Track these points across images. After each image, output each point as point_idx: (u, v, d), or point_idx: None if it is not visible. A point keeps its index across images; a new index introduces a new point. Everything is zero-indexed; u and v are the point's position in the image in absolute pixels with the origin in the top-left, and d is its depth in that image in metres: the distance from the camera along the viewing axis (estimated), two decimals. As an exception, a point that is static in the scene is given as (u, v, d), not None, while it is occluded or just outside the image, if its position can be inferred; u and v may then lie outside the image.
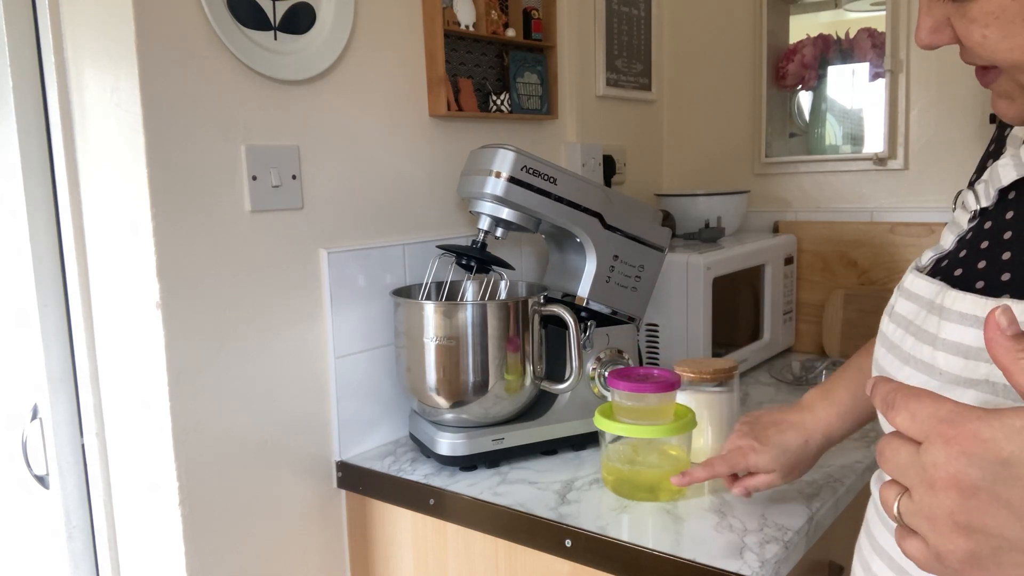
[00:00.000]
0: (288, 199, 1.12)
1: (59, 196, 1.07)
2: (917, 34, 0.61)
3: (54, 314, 1.10)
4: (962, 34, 0.58)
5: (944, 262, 0.66)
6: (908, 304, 0.66)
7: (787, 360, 1.70)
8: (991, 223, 0.63)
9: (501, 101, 1.44)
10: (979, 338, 0.56)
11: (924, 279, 0.65)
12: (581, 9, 1.65)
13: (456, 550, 1.10)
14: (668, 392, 1.04)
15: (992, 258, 0.61)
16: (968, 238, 0.65)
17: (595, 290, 1.21)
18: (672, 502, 1.02)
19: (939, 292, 0.62)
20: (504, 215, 1.15)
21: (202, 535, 1.05)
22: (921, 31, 0.61)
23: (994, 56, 0.57)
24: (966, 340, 0.57)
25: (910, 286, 0.66)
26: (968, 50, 0.59)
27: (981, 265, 0.61)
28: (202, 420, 1.04)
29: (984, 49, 0.57)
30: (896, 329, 0.66)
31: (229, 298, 1.06)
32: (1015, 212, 0.62)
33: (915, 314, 0.64)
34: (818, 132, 1.84)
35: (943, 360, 0.58)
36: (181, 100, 1.00)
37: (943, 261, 0.67)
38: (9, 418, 1.17)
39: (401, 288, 1.23)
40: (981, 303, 0.57)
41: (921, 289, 0.64)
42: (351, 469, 1.20)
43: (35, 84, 1.06)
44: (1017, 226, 0.61)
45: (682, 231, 1.74)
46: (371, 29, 1.22)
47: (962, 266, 0.63)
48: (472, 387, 1.13)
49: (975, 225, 0.65)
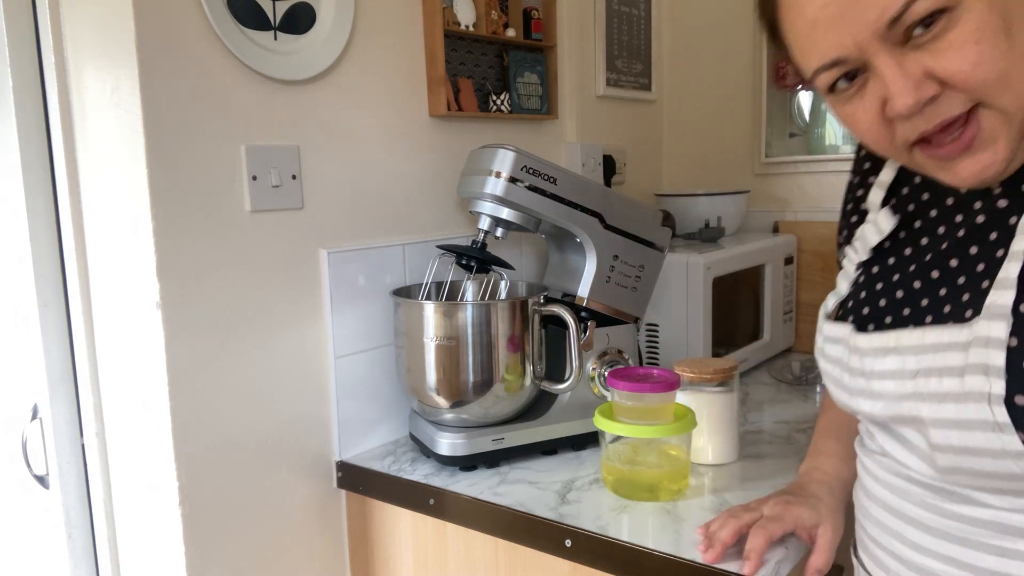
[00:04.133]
0: (288, 199, 1.12)
1: (59, 196, 1.07)
2: (895, 101, 0.57)
3: (54, 314, 1.10)
4: (954, 68, 0.55)
5: (850, 303, 0.76)
6: (834, 347, 0.75)
7: (787, 360, 1.70)
8: (877, 268, 0.74)
9: (501, 101, 1.44)
10: (897, 363, 0.66)
11: (838, 325, 0.75)
12: (581, 9, 1.65)
13: (456, 550, 1.10)
14: (668, 392, 1.04)
15: (889, 297, 0.71)
16: (862, 282, 0.75)
17: (595, 290, 1.21)
18: (672, 502, 1.02)
19: (851, 335, 0.72)
20: (504, 215, 1.15)
21: (202, 535, 1.05)
22: (902, 94, 0.57)
23: (991, 73, 0.55)
24: (888, 367, 0.67)
25: (830, 332, 0.76)
26: (960, 83, 0.56)
27: (882, 303, 0.72)
28: (202, 420, 1.04)
29: (982, 69, 0.55)
30: (833, 367, 0.75)
31: (229, 298, 1.06)
32: (895, 257, 0.73)
33: (842, 353, 0.73)
34: (818, 132, 1.84)
35: (878, 386, 0.68)
36: (181, 100, 1.00)
37: (848, 303, 0.76)
38: (9, 418, 1.17)
39: (401, 288, 1.23)
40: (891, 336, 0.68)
41: (838, 333, 0.74)
42: (351, 469, 1.20)
43: (35, 84, 1.06)
44: (901, 268, 0.71)
45: (682, 231, 1.74)
46: (371, 29, 1.22)
47: (867, 305, 0.73)
48: (472, 387, 1.13)
49: (863, 272, 0.76)
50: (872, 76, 0.59)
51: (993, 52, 0.55)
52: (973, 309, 0.63)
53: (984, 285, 0.63)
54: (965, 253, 0.66)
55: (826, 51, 0.59)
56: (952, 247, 0.68)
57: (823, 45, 0.59)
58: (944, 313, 0.66)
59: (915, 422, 0.66)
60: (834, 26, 0.58)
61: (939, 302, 0.67)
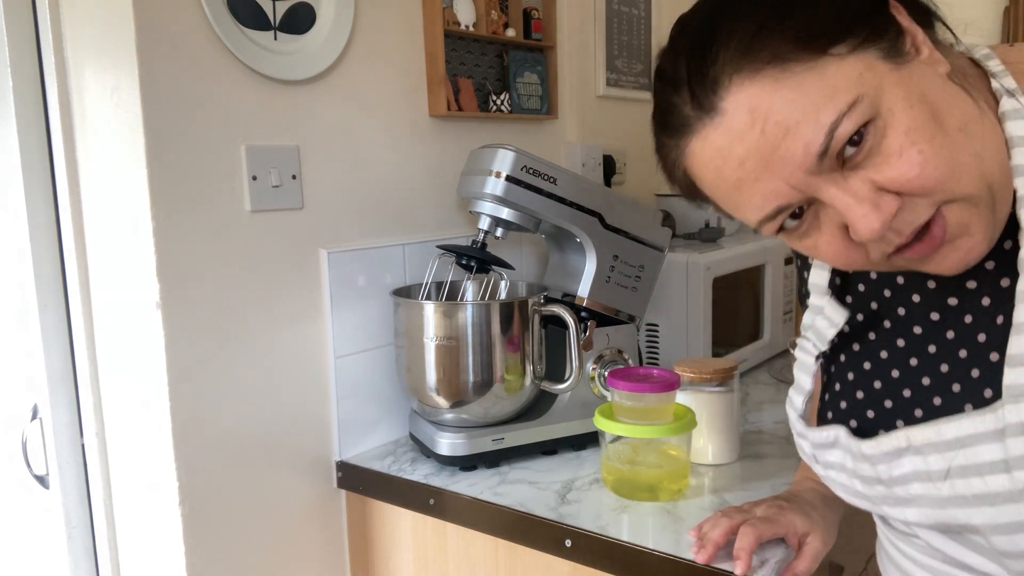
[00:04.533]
0: (288, 199, 1.12)
1: (59, 196, 1.07)
2: (858, 228, 0.52)
3: (54, 314, 1.10)
4: (900, 175, 0.51)
5: (826, 398, 0.71)
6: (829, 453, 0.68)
7: (787, 360, 1.70)
8: (844, 357, 0.70)
9: (501, 101, 1.44)
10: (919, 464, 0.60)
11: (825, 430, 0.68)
12: (581, 9, 1.65)
13: (456, 550, 1.10)
14: (668, 392, 1.04)
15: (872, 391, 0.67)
16: (834, 378, 0.71)
17: (595, 290, 1.21)
18: (672, 502, 1.02)
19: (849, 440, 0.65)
20: (504, 215, 1.15)
21: (202, 535, 1.05)
22: (864, 219, 0.52)
23: (939, 170, 0.51)
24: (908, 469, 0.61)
25: (818, 439, 0.69)
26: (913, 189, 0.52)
27: (862, 396, 0.67)
28: (202, 420, 1.04)
29: (928, 168, 0.51)
30: (839, 475, 0.68)
31: (229, 298, 1.06)
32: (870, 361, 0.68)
33: (843, 458, 0.66)
34: (818, 132, 1.84)
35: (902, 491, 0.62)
36: (181, 100, 0.99)
37: (825, 399, 0.71)
38: (9, 418, 1.17)
39: (401, 288, 1.23)
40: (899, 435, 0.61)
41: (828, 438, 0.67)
42: (351, 469, 1.20)
43: (35, 84, 1.05)
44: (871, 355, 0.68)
45: (682, 231, 1.74)
46: (371, 29, 1.22)
47: (844, 399, 0.69)
48: (472, 387, 1.13)
49: (829, 365, 0.71)
50: (822, 207, 0.55)
51: (932, 146, 0.51)
52: (992, 389, 0.58)
53: (993, 358, 0.59)
54: (959, 322, 0.62)
55: (762, 204, 0.55)
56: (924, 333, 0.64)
57: (756, 199, 0.55)
58: (954, 394, 0.61)
59: (967, 529, 0.59)
60: (762, 178, 0.54)
61: (943, 381, 0.62)
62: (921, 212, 0.53)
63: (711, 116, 0.54)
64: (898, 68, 0.53)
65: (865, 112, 0.51)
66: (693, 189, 0.61)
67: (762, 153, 0.53)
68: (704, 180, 0.58)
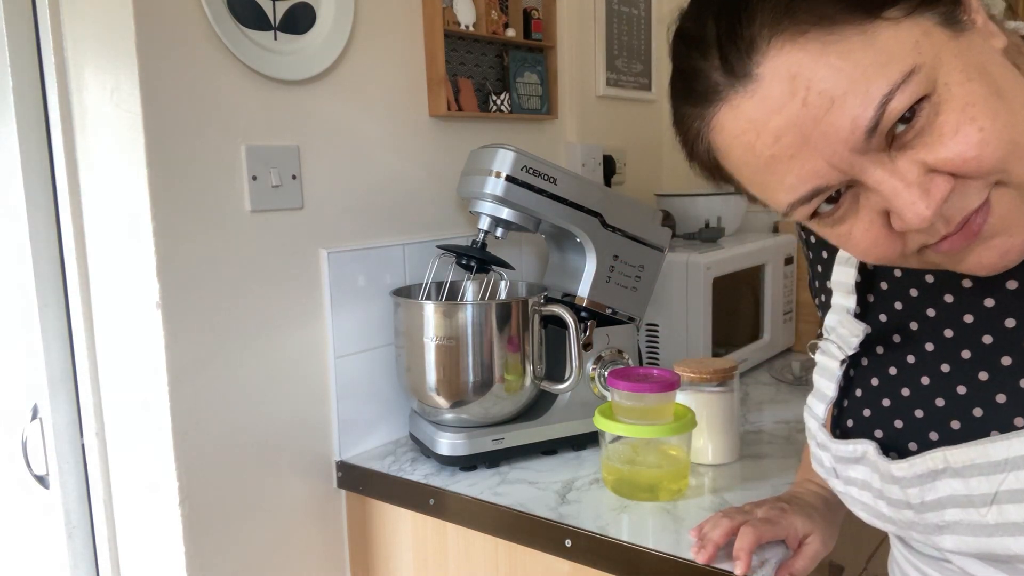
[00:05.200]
0: (288, 199, 1.12)
1: (59, 196, 1.07)
2: (906, 215, 0.47)
3: (54, 314, 1.10)
4: (956, 154, 0.46)
5: (846, 406, 0.67)
6: (853, 469, 0.65)
7: (787, 360, 1.70)
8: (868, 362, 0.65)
9: (501, 101, 1.44)
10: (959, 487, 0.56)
11: (850, 444, 0.64)
12: (581, 9, 1.65)
13: (456, 550, 1.10)
14: (668, 392, 1.04)
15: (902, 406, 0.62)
16: (855, 385, 0.67)
17: (595, 290, 1.21)
18: (672, 502, 1.02)
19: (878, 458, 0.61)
20: (504, 215, 1.15)
21: (202, 535, 1.05)
22: (913, 205, 0.47)
23: (999, 147, 0.46)
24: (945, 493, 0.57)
25: (841, 452, 0.65)
26: (971, 169, 0.47)
27: (886, 403, 0.63)
28: (202, 420, 1.04)
29: (989, 147, 0.46)
30: (862, 493, 0.65)
31: (229, 298, 1.06)
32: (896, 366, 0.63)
33: (868, 476, 0.63)
34: (818, 132, 1.84)
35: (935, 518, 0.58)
36: (181, 100, 1.00)
37: (845, 408, 0.67)
38: (9, 418, 1.17)
39: (401, 288, 1.23)
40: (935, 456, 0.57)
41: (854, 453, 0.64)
42: (351, 469, 1.20)
43: (35, 84, 1.05)
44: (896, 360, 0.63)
45: (682, 231, 1.74)
46: (371, 29, 1.22)
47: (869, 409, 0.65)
48: (472, 387, 1.13)
49: (852, 371, 0.67)
50: (863, 190, 0.49)
51: (994, 123, 0.46)
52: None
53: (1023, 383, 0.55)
54: (998, 327, 0.58)
55: (797, 185, 0.49)
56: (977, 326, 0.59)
57: (790, 179, 0.49)
58: (999, 406, 0.57)
59: (1017, 559, 0.55)
60: (799, 156, 0.48)
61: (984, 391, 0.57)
62: (973, 197, 0.48)
63: (744, 83, 0.48)
64: (956, 37, 0.47)
65: (921, 85, 0.45)
66: (716, 167, 0.55)
67: (802, 127, 0.47)
68: (730, 157, 0.52)
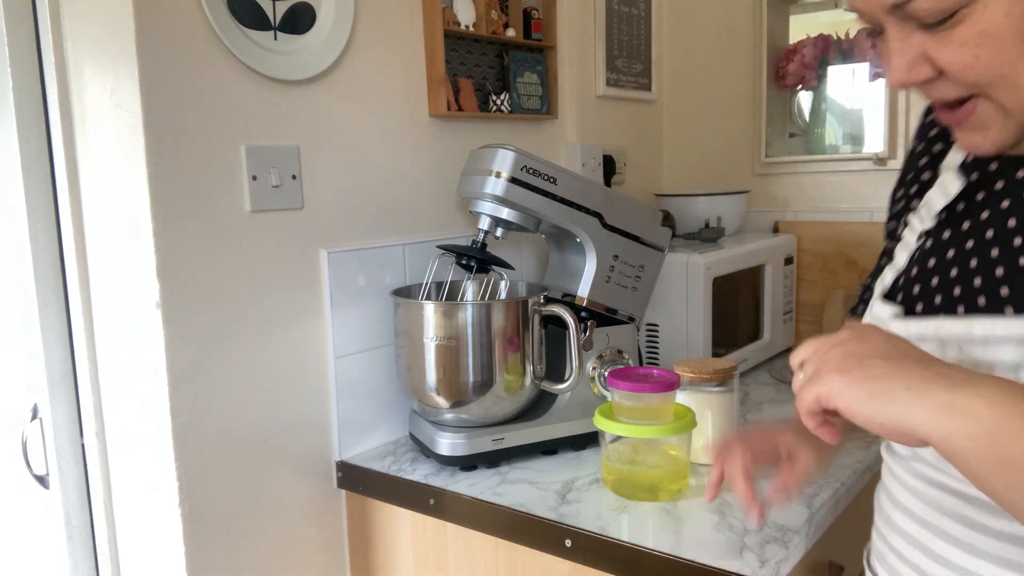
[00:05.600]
0: (288, 199, 1.12)
1: (59, 196, 1.07)
2: (891, 75, 0.60)
3: (54, 314, 1.10)
4: (948, 61, 0.57)
5: (901, 280, 0.73)
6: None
7: (787, 360, 1.70)
8: (931, 241, 0.71)
9: (501, 101, 1.44)
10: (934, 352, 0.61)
11: (887, 305, 0.72)
12: (581, 9, 1.65)
13: (456, 550, 1.10)
14: (668, 392, 1.04)
15: (942, 275, 0.68)
16: (917, 256, 0.72)
17: (595, 290, 1.21)
18: (672, 502, 1.02)
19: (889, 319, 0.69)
20: (504, 215, 1.15)
21: (202, 535, 1.05)
22: (896, 70, 0.59)
23: (983, 76, 0.56)
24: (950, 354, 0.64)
25: (878, 312, 0.73)
26: (953, 76, 0.58)
27: (934, 282, 0.69)
28: (202, 420, 1.04)
29: (974, 71, 0.56)
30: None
31: (229, 298, 1.06)
32: (951, 230, 0.69)
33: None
34: (818, 132, 1.84)
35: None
36: (181, 100, 1.00)
37: (900, 279, 0.74)
38: (9, 418, 1.17)
39: (401, 288, 1.23)
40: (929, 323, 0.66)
41: (882, 313, 0.71)
42: (351, 469, 1.20)
43: (35, 84, 1.05)
44: (956, 243, 0.68)
45: (682, 231, 1.74)
46: (371, 29, 1.22)
47: (918, 283, 0.70)
48: (472, 387, 1.13)
49: (920, 245, 0.73)
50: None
51: (992, 59, 0.55)
52: None
53: None
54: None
55: (854, 7, 0.63)
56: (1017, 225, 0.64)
57: (857, 4, 0.62)
58: (1002, 298, 0.62)
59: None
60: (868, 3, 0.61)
61: (994, 284, 0.63)
62: (949, 92, 0.59)
63: None
64: None
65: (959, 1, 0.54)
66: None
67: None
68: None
